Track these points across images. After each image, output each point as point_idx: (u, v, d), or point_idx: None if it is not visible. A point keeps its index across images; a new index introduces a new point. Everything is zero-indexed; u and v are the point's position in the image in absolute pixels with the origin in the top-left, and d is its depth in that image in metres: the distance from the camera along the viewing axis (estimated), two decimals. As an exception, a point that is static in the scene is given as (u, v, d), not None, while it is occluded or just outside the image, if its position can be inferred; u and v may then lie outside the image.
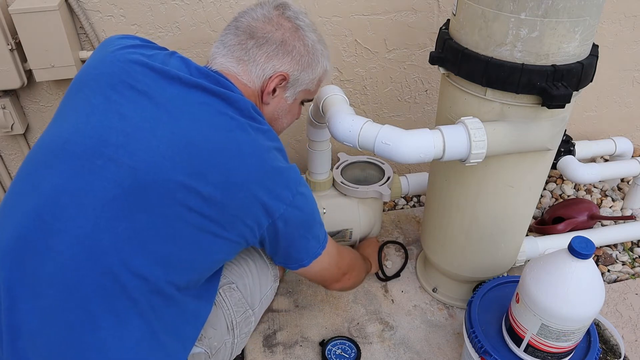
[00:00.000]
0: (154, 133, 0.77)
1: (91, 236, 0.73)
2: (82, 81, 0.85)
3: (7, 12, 1.19)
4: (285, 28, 0.91)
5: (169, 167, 0.75)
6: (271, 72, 0.91)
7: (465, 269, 1.21)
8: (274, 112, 0.97)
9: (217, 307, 0.96)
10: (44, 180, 0.76)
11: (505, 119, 0.93)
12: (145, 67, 0.82)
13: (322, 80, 1.01)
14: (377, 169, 1.42)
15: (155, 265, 0.76)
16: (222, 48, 0.92)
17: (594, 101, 1.78)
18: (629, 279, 1.39)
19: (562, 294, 0.83)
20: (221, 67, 0.91)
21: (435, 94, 1.60)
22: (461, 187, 1.07)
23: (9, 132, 1.39)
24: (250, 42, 0.90)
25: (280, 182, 0.83)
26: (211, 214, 0.78)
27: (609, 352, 1.21)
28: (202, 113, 0.80)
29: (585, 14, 0.83)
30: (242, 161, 0.79)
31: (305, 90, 0.98)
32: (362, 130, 0.94)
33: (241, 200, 0.79)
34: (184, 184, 0.75)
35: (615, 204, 1.68)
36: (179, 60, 0.86)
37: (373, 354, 1.18)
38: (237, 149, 0.79)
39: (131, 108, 0.79)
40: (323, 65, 0.98)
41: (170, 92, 0.80)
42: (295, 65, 0.92)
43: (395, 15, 1.43)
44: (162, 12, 1.32)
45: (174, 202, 0.75)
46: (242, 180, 0.79)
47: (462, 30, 0.93)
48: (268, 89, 0.92)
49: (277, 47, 0.90)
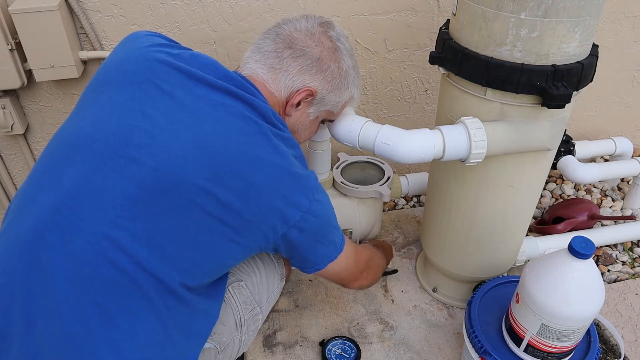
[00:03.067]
0: (177, 135, 0.77)
1: (109, 235, 0.73)
2: (105, 77, 0.84)
3: (7, 12, 1.19)
4: (325, 46, 0.91)
5: (190, 171, 0.75)
6: (300, 85, 0.91)
7: (465, 269, 1.21)
8: (294, 125, 0.97)
9: (226, 304, 0.97)
10: (65, 175, 0.76)
11: (505, 119, 0.93)
12: (171, 67, 0.81)
13: (347, 105, 1.01)
14: (377, 169, 1.42)
15: (171, 266, 0.76)
16: (256, 53, 0.92)
17: (594, 101, 1.77)
18: (629, 279, 1.39)
19: (562, 294, 0.83)
20: (250, 73, 0.91)
21: (435, 94, 1.60)
22: (461, 187, 1.07)
23: (9, 132, 1.39)
24: (287, 52, 0.90)
25: (297, 189, 0.82)
26: (228, 220, 0.78)
27: (609, 352, 1.21)
28: (225, 116, 0.80)
29: (585, 14, 0.83)
30: (260, 168, 0.79)
31: (328, 111, 0.98)
32: (362, 130, 0.94)
33: (258, 207, 0.79)
34: (204, 188, 0.75)
35: (615, 204, 1.68)
36: (207, 61, 0.86)
37: (373, 354, 1.18)
38: (257, 155, 0.79)
39: (155, 107, 0.78)
40: (351, 92, 0.98)
41: (195, 94, 0.80)
42: (326, 84, 0.93)
43: (395, 15, 1.43)
44: (162, 12, 1.32)
45: (193, 206, 0.75)
46: (260, 187, 0.79)
47: (462, 30, 0.93)
48: (293, 100, 0.92)
49: (313, 63, 0.90)
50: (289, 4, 1.35)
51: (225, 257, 0.84)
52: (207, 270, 0.83)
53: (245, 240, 0.81)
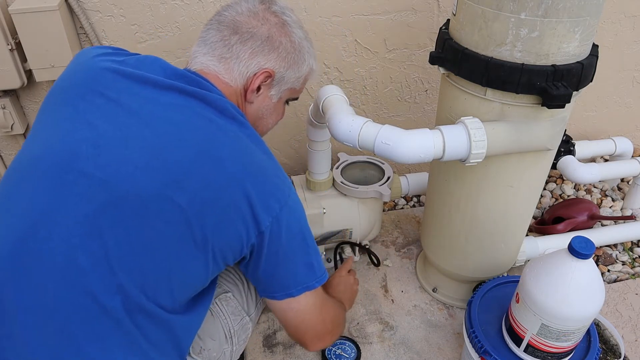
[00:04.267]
0: (125, 142, 0.72)
1: (67, 256, 0.69)
2: (51, 95, 0.81)
3: (7, 12, 1.19)
4: (271, 23, 0.87)
5: (142, 178, 0.71)
6: (256, 69, 0.86)
7: (465, 269, 1.21)
8: (258, 111, 0.92)
9: (214, 317, 0.94)
10: (17, 202, 0.73)
11: (505, 118, 0.93)
12: (116, 73, 0.78)
13: (307, 79, 0.96)
14: (377, 169, 1.42)
15: (134, 282, 0.71)
16: (203, 46, 0.87)
17: (594, 101, 1.77)
18: (629, 279, 1.39)
19: (562, 294, 0.83)
20: (201, 67, 0.86)
21: (435, 94, 1.60)
22: (461, 187, 1.07)
23: (9, 132, 1.39)
24: (234, 38, 0.85)
25: (266, 190, 0.77)
26: (189, 226, 0.72)
27: (609, 352, 1.21)
28: (177, 116, 0.75)
29: (585, 14, 0.83)
30: (221, 166, 0.74)
31: (290, 89, 0.94)
32: (362, 130, 0.94)
33: (222, 209, 0.73)
34: (159, 194, 0.70)
35: (615, 204, 1.68)
36: (154, 63, 0.82)
37: (373, 354, 1.18)
38: (216, 153, 0.74)
39: (101, 116, 0.74)
40: (309, 64, 0.93)
41: (144, 97, 0.76)
42: (282, 62, 0.88)
43: (395, 15, 1.43)
44: (162, 12, 1.32)
45: (149, 215, 0.71)
46: (222, 189, 0.73)
47: (462, 30, 0.93)
48: (252, 86, 0.87)
49: (263, 43, 0.85)
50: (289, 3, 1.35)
51: (191, 269, 0.76)
52: (176, 284, 0.76)
53: (209, 251, 0.75)
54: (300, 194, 1.34)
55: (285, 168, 1.65)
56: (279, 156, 1.65)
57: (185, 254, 0.74)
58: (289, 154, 1.65)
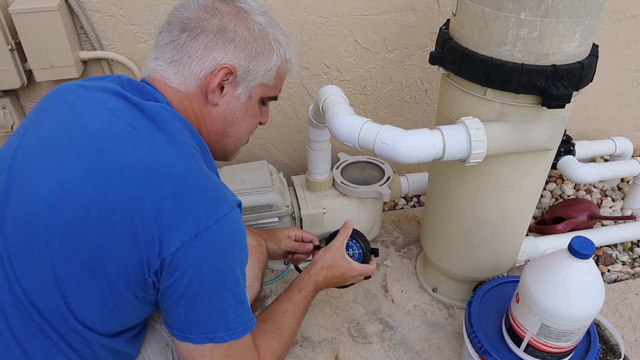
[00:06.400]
0: (35, 155, 0.71)
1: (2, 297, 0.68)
2: None
3: (7, 12, 1.19)
4: (223, 13, 0.77)
5: (41, 191, 0.68)
6: (212, 66, 0.76)
7: (465, 269, 1.21)
8: (226, 114, 0.81)
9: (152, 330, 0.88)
10: None
11: (505, 119, 0.93)
12: (77, 85, 0.78)
13: (283, 71, 0.84)
14: (377, 169, 1.42)
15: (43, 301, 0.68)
16: (154, 51, 0.79)
17: (594, 101, 1.77)
18: (629, 279, 1.39)
19: (562, 294, 0.83)
20: (149, 74, 0.78)
21: (435, 94, 1.60)
22: (461, 187, 1.07)
23: (8, 132, 1.39)
24: (183, 36, 0.76)
25: (180, 207, 0.66)
26: (87, 248, 0.65)
27: (609, 352, 1.21)
28: (98, 122, 0.71)
29: (585, 14, 0.83)
30: (124, 179, 0.66)
31: (262, 85, 0.82)
32: (362, 130, 0.94)
33: (112, 224, 0.65)
34: (50, 206, 0.66)
35: (615, 204, 1.68)
36: (117, 77, 0.80)
37: (373, 354, 1.18)
38: (118, 165, 0.66)
39: (33, 126, 0.75)
40: (280, 54, 0.81)
41: (87, 97, 0.75)
42: (241, 54, 0.77)
43: (395, 15, 1.43)
44: (162, 12, 1.32)
45: (42, 239, 0.66)
46: (115, 195, 0.65)
47: (462, 30, 0.93)
48: (212, 86, 0.77)
49: (216, 36, 0.75)
50: (289, 4, 1.35)
51: (87, 302, 0.69)
52: (98, 321, 0.71)
53: (101, 278, 0.67)
54: (300, 194, 1.34)
55: (285, 168, 1.65)
56: (279, 156, 1.65)
57: (75, 279, 0.67)
58: (289, 154, 1.65)
